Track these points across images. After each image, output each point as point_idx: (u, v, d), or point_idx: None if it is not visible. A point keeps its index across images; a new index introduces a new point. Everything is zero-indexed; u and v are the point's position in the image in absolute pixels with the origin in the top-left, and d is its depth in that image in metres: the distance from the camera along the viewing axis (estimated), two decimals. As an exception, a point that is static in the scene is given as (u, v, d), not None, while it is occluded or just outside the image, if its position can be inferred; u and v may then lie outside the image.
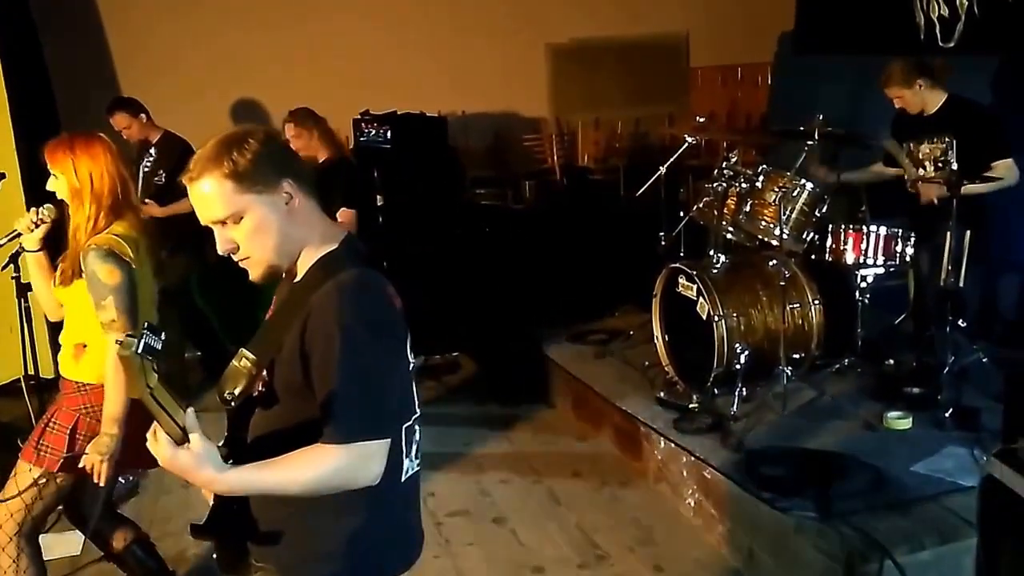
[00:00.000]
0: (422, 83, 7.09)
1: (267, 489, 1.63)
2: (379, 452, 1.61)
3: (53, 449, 2.65)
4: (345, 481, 1.60)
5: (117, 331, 2.56)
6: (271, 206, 1.65)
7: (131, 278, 2.60)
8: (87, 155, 2.65)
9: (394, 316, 1.70)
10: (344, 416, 1.58)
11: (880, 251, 3.99)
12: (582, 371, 4.85)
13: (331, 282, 1.63)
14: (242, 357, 1.67)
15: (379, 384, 1.63)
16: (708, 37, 8.23)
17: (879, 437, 3.62)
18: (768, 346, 3.99)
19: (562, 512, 3.92)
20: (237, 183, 1.62)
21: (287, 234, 1.67)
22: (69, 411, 2.69)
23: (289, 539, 1.72)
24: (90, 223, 2.63)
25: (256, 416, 1.73)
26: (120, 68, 6.76)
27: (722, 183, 4.15)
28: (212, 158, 1.63)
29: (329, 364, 1.59)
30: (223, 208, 1.63)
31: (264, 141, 1.66)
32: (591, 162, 7.92)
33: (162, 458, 1.56)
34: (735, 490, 3.38)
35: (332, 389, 1.58)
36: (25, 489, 2.68)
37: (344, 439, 1.58)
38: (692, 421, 3.88)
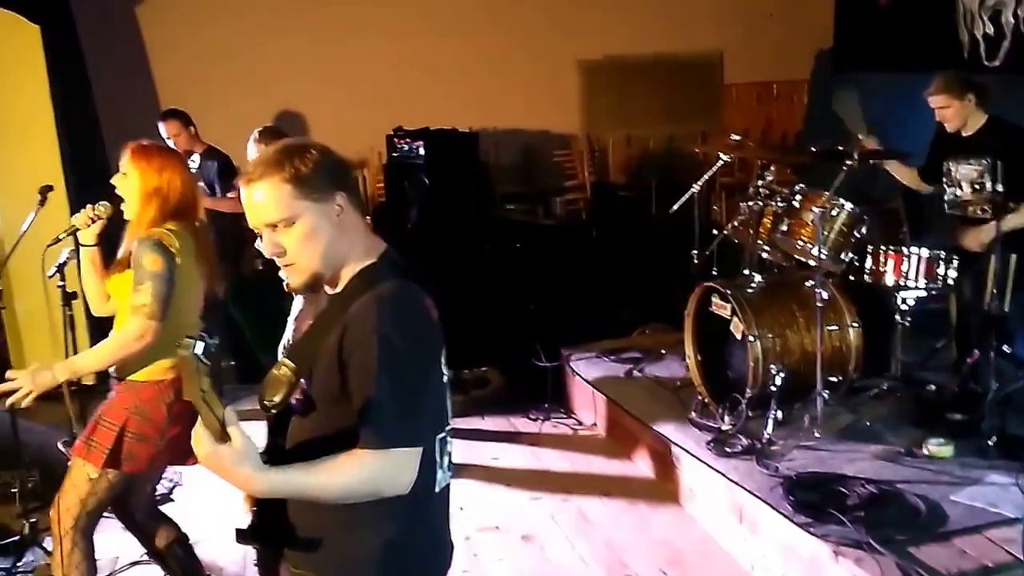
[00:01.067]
0: (454, 99, 7.12)
1: (302, 491, 1.63)
2: (412, 460, 1.63)
3: (101, 446, 2.70)
4: (378, 487, 1.62)
5: (144, 316, 2.65)
6: (323, 215, 1.69)
7: (172, 271, 2.68)
8: (168, 162, 2.81)
9: (431, 328, 1.72)
10: (379, 423, 1.61)
11: (921, 273, 3.91)
12: (612, 390, 4.80)
13: (370, 293, 1.67)
14: (282, 366, 1.69)
15: (414, 393, 1.65)
16: (743, 54, 8.18)
17: (919, 464, 3.53)
18: (804, 368, 3.92)
19: (592, 531, 3.87)
20: (296, 188, 1.66)
21: (334, 244, 1.71)
22: (120, 409, 2.74)
23: (326, 547, 1.73)
24: (152, 222, 2.72)
25: (294, 424, 1.76)
26: (159, 83, 6.87)
27: (758, 201, 4.10)
28: (274, 162, 1.67)
29: (366, 373, 1.61)
30: (278, 211, 1.66)
31: (323, 153, 1.71)
32: (622, 179, 7.89)
33: (202, 454, 1.57)
34: (770, 514, 3.31)
35: (369, 397, 1.61)
36: (79, 485, 2.73)
37: (379, 445, 1.60)
38: (725, 443, 3.81)
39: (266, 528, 1.75)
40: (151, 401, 2.73)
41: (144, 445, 2.74)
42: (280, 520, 1.75)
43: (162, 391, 2.75)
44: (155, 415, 2.74)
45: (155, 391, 2.75)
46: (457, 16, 7.47)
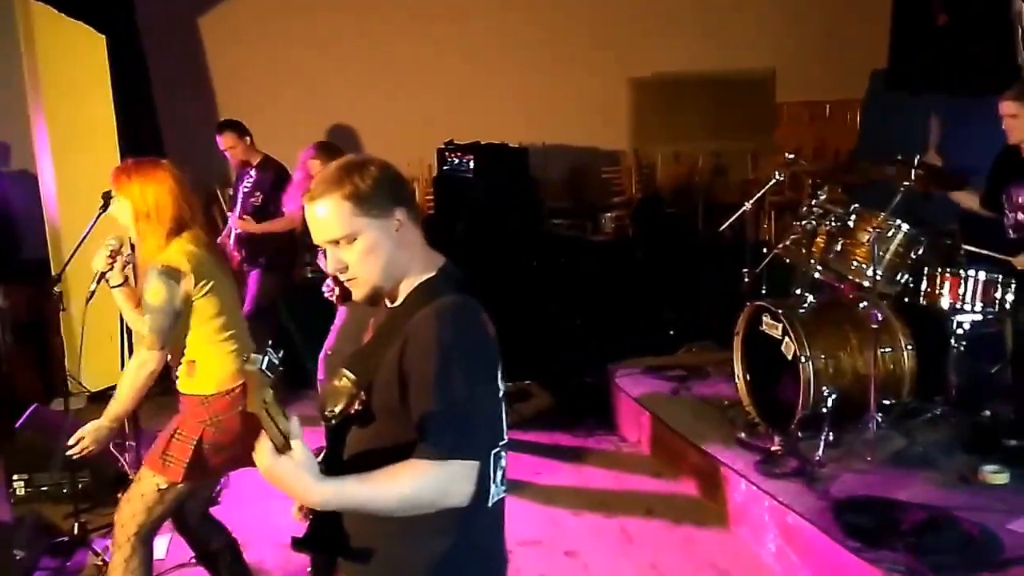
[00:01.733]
0: (504, 114, 7.17)
1: (360, 502, 1.64)
2: (470, 473, 1.63)
3: (178, 460, 2.74)
4: (436, 499, 1.62)
5: (144, 346, 2.71)
6: (383, 231, 1.71)
7: (174, 301, 2.68)
8: (152, 179, 2.77)
9: (489, 343, 1.74)
10: (438, 434, 1.61)
11: (978, 297, 3.83)
12: (658, 407, 4.76)
13: (430, 307, 1.69)
14: (343, 376, 1.71)
15: (473, 406, 1.65)
16: (796, 72, 8.11)
17: (973, 491, 3.45)
18: (857, 390, 3.86)
19: (636, 550, 3.84)
20: (356, 206, 1.69)
21: (394, 259, 1.73)
22: (195, 423, 2.78)
23: (380, 558, 1.74)
24: (156, 243, 2.72)
25: (352, 434, 1.76)
26: (219, 93, 7.03)
27: (811, 221, 4.05)
28: (335, 180, 1.69)
29: (426, 385, 1.63)
30: (339, 228, 1.69)
31: (383, 169, 1.73)
32: (669, 196, 7.85)
33: (262, 465, 1.59)
34: (820, 537, 3.26)
35: (428, 408, 1.62)
36: (148, 494, 2.78)
37: (438, 456, 1.61)
38: (775, 464, 3.76)
39: (322, 536, 1.76)
40: (226, 411, 2.77)
41: (220, 455, 2.79)
42: (335, 529, 1.76)
43: (235, 400, 2.79)
44: (231, 424, 2.78)
45: (228, 401, 2.79)
46: (509, 33, 7.53)
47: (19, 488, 4.31)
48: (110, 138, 5.66)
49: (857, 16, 7.64)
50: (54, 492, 4.28)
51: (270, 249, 5.38)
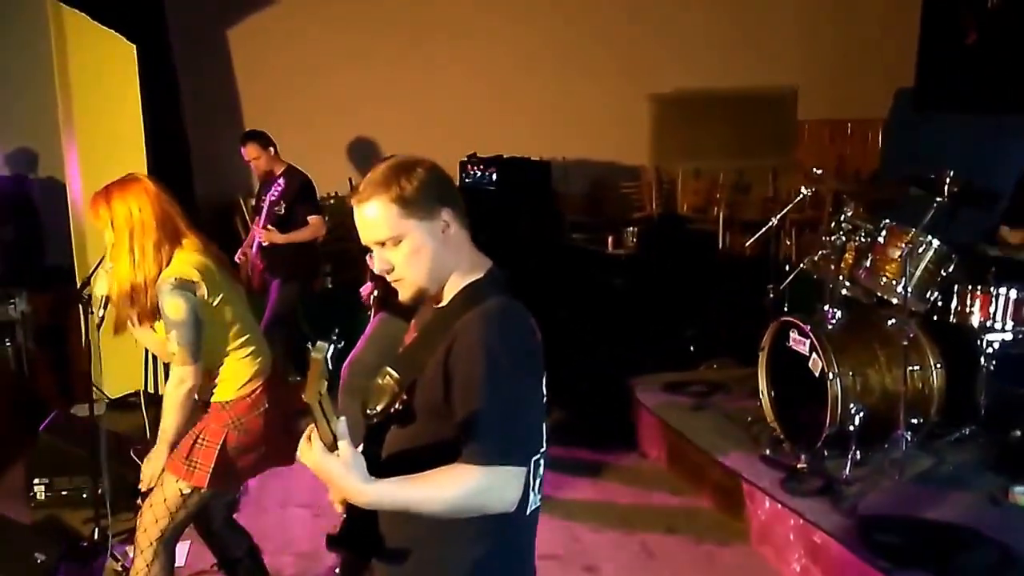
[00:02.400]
0: (525, 129, 7.20)
1: (407, 504, 1.63)
2: (517, 478, 1.62)
3: (203, 465, 2.73)
4: (483, 504, 1.61)
5: (178, 363, 2.68)
6: (429, 233, 1.70)
7: (195, 310, 2.66)
8: (122, 201, 2.72)
9: (535, 347, 1.72)
10: (487, 439, 1.60)
11: (1009, 315, 3.78)
12: (679, 422, 4.71)
13: (478, 308, 1.68)
14: (385, 375, 1.71)
15: (520, 411, 1.65)
16: (818, 91, 8.12)
17: (1004, 512, 3.40)
18: (885, 408, 3.81)
19: (657, 567, 3.79)
20: (402, 208, 1.68)
21: (440, 260, 1.73)
22: (217, 428, 2.77)
23: (415, 561, 1.73)
24: (143, 263, 2.68)
25: (392, 434, 1.76)
26: (245, 103, 7.08)
27: (840, 236, 4.02)
28: (381, 183, 1.69)
29: (473, 387, 1.62)
30: (386, 230, 1.70)
31: (429, 170, 1.72)
32: (690, 212, 7.85)
33: (312, 462, 1.60)
34: (847, 557, 3.21)
35: (475, 411, 1.61)
36: (171, 499, 2.77)
37: (486, 461, 1.59)
38: (801, 482, 3.71)
39: (356, 536, 1.75)
40: (247, 413, 2.77)
41: (245, 457, 2.79)
42: (370, 529, 1.74)
43: (255, 402, 2.79)
44: (253, 425, 2.77)
45: (248, 403, 2.78)
46: (531, 49, 7.57)
47: (39, 492, 4.31)
48: (138, 147, 5.68)
49: (880, 34, 7.64)
50: (74, 497, 4.27)
51: (292, 259, 5.39)
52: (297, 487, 4.54)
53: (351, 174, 7.03)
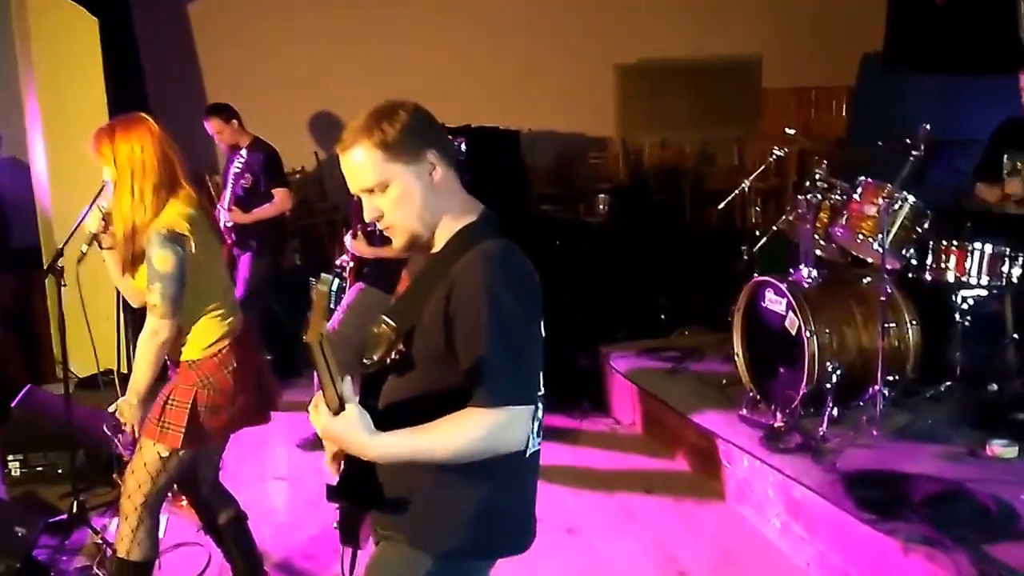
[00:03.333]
0: (490, 102, 7.11)
1: (416, 455, 1.61)
2: (525, 418, 1.62)
3: (175, 425, 2.67)
4: (495, 447, 1.61)
5: (156, 315, 2.62)
6: (416, 176, 1.68)
7: (182, 265, 2.60)
8: (126, 139, 2.67)
9: (535, 288, 1.71)
10: (493, 380, 1.59)
11: (984, 271, 3.80)
12: (654, 386, 4.70)
13: (475, 251, 1.66)
14: (381, 324, 1.68)
15: (525, 351, 1.64)
16: (782, 59, 8.13)
17: (983, 465, 3.42)
18: (861, 366, 3.82)
19: (637, 527, 3.77)
20: (386, 152, 1.66)
21: (429, 204, 1.70)
22: (185, 387, 2.70)
23: (417, 509, 1.72)
24: (141, 205, 2.62)
25: (389, 383, 1.73)
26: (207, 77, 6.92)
27: (815, 195, 4.01)
28: (364, 129, 1.67)
29: (477, 329, 1.60)
30: (372, 176, 1.67)
31: (412, 113, 1.70)
32: (656, 182, 7.83)
33: (320, 426, 1.60)
34: (830, 511, 3.21)
35: (481, 354, 1.59)
36: (150, 463, 2.71)
37: (494, 403, 1.59)
38: (779, 440, 3.70)
39: (356, 487, 1.73)
40: (215, 371, 2.70)
41: (217, 416, 2.71)
42: (369, 479, 1.72)
43: (223, 360, 2.71)
44: (222, 384, 2.70)
45: (216, 362, 2.71)
46: (494, 20, 7.47)
47: (14, 469, 4.24)
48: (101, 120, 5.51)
49: (845, 1, 7.65)
50: (49, 472, 4.20)
51: (260, 234, 5.28)
52: (273, 461, 4.46)
53: (316, 149, 6.89)
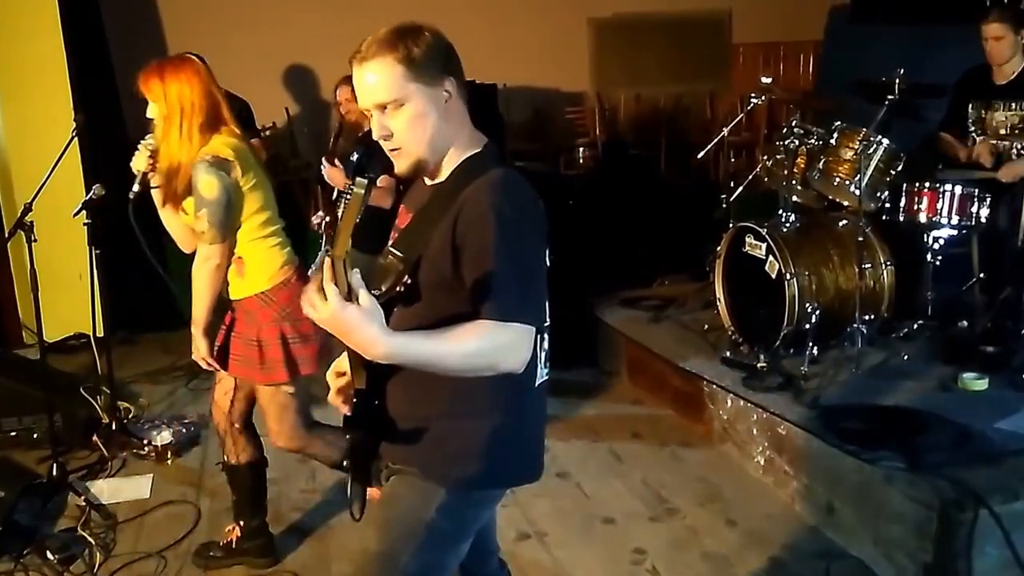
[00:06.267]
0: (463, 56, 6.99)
1: (422, 357, 1.57)
2: (528, 338, 1.60)
3: (275, 360, 2.76)
4: (496, 361, 1.59)
5: (206, 241, 2.67)
6: (432, 100, 1.66)
7: (229, 190, 2.64)
8: (176, 78, 2.70)
9: (541, 214, 1.71)
10: (502, 296, 1.58)
11: (954, 211, 3.92)
12: (638, 334, 4.79)
13: (482, 178, 1.66)
14: (388, 255, 1.67)
15: (532, 273, 1.64)
16: (751, 14, 8.18)
17: (956, 397, 3.55)
18: (839, 306, 3.94)
19: (625, 469, 3.87)
20: (408, 70, 1.63)
21: (441, 130, 1.69)
22: (269, 324, 2.77)
23: (429, 441, 1.73)
24: (188, 143, 2.66)
25: (396, 315, 1.72)
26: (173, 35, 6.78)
27: (792, 140, 4.09)
28: (388, 42, 1.64)
29: (486, 251, 1.59)
30: (388, 92, 1.64)
31: (436, 36, 1.68)
32: (632, 137, 7.87)
33: (330, 310, 1.46)
34: (813, 444, 3.33)
35: (489, 271, 1.58)
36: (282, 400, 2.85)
37: (501, 317, 1.57)
38: (762, 379, 3.81)
39: (368, 420, 1.74)
40: (291, 302, 2.74)
41: (308, 345, 2.79)
42: (381, 413, 1.74)
43: (293, 290, 2.76)
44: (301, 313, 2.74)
45: (288, 292, 2.76)
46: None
47: (-12, 433, 4.17)
48: (61, 75, 5.41)
49: (813, -45, 7.69)
50: (24, 437, 4.14)
51: None
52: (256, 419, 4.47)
53: (287, 104, 6.82)
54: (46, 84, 5.44)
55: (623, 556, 3.17)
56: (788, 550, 3.16)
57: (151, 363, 5.28)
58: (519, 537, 3.31)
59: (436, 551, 1.78)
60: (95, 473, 3.87)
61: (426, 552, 1.76)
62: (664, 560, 3.13)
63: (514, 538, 3.30)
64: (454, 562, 1.85)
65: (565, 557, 3.18)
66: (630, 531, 3.34)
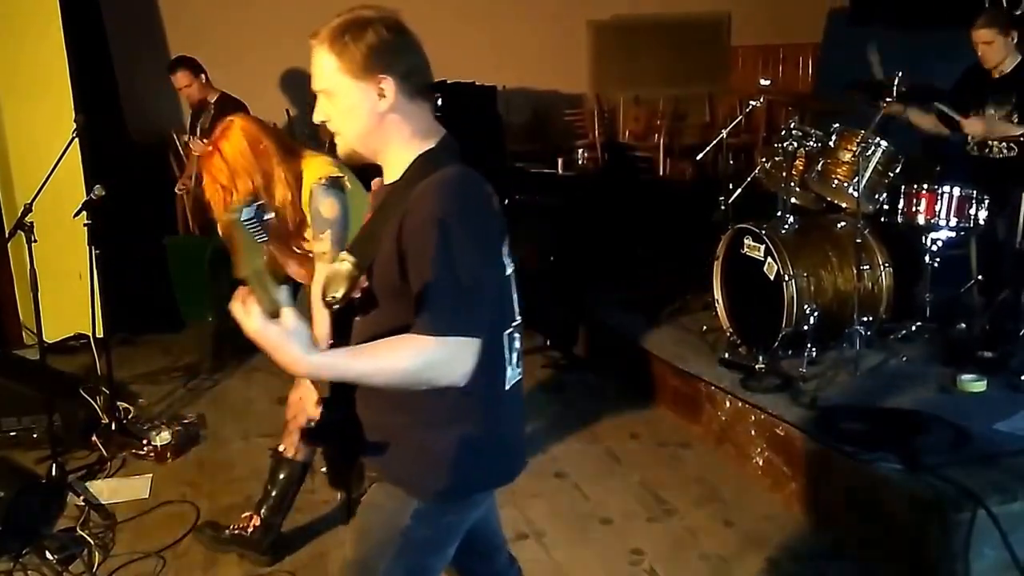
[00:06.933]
0: (463, 59, 7.03)
1: (352, 376, 1.56)
2: (468, 351, 1.54)
3: None
4: (432, 378, 1.54)
5: (327, 263, 2.64)
6: (364, 96, 1.63)
7: (346, 208, 2.66)
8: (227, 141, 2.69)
9: (492, 215, 1.65)
10: (435, 310, 1.53)
11: (952, 212, 3.94)
12: (636, 336, 4.79)
13: (429, 179, 1.60)
14: (343, 260, 1.62)
15: (473, 282, 1.56)
16: (749, 17, 8.20)
17: (954, 399, 3.57)
18: (837, 308, 3.95)
19: (623, 470, 3.87)
20: (340, 63, 1.62)
21: (372, 128, 1.66)
22: None
23: (397, 449, 1.70)
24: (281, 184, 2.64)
25: (357, 323, 1.69)
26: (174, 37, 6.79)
27: (791, 143, 4.10)
28: (332, 32, 1.63)
29: (424, 259, 1.54)
30: (322, 81, 1.65)
31: (385, 31, 1.63)
32: (631, 139, 7.89)
33: (251, 329, 1.47)
34: (811, 446, 3.34)
35: (426, 282, 1.54)
36: None
37: (434, 332, 1.52)
38: (760, 380, 3.82)
39: (335, 429, 1.70)
40: None
41: None
42: (350, 421, 1.69)
43: None
44: None
45: None
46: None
47: (-14, 434, 4.17)
48: (63, 83, 5.42)
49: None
50: (23, 437, 4.14)
51: None
52: (256, 421, 4.49)
53: (287, 106, 6.83)
54: (47, 84, 5.44)
55: (621, 557, 3.17)
56: (786, 551, 3.17)
57: (150, 364, 5.28)
58: (517, 537, 3.31)
59: (415, 557, 1.75)
60: (94, 473, 3.87)
61: (405, 559, 1.74)
62: (662, 561, 3.13)
63: (512, 538, 3.29)
64: (439, 565, 1.83)
65: (563, 557, 3.19)
66: (628, 532, 3.34)
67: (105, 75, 5.94)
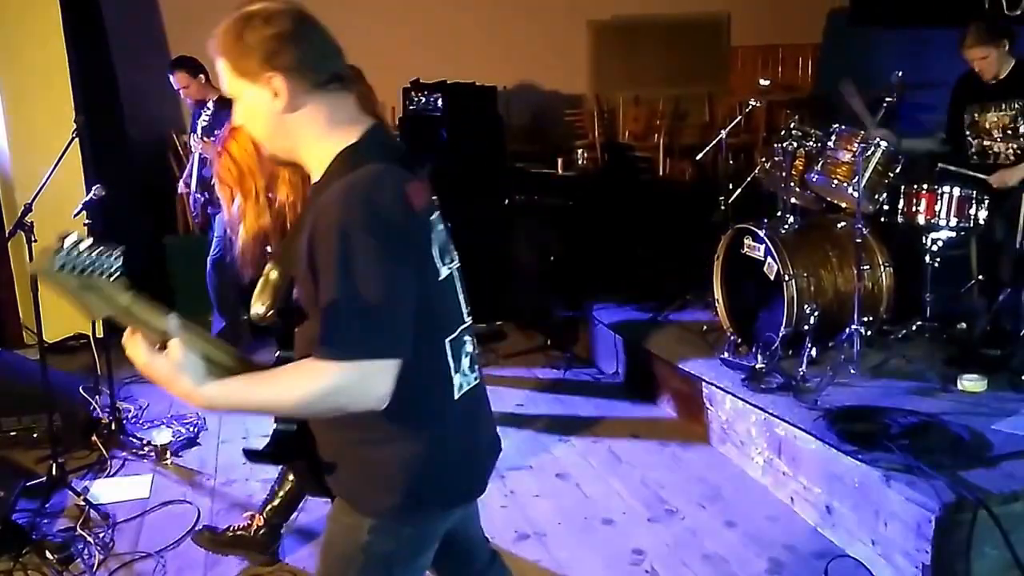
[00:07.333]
0: (463, 60, 7.06)
1: (253, 407, 1.50)
2: (380, 374, 1.41)
3: None
4: (342, 404, 1.43)
5: None
6: (259, 97, 1.53)
7: None
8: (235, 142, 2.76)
9: (407, 218, 1.46)
10: (337, 331, 1.40)
11: (952, 212, 3.94)
12: (637, 336, 4.79)
13: (340, 182, 1.45)
14: (271, 271, 1.60)
15: (382, 298, 1.40)
16: (749, 17, 8.20)
17: (955, 399, 3.56)
18: (837, 308, 3.95)
19: (625, 470, 3.88)
20: (228, 65, 1.54)
21: (275, 130, 1.56)
22: None
23: (346, 468, 1.62)
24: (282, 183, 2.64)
25: (296, 336, 1.59)
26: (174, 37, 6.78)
27: (791, 143, 4.10)
28: (220, 35, 1.54)
29: (327, 273, 1.41)
30: (224, 85, 1.57)
31: (272, 30, 1.50)
32: (631, 139, 7.89)
33: (138, 362, 1.40)
34: (812, 446, 3.33)
35: (328, 300, 1.40)
36: None
37: (337, 356, 1.39)
38: (761, 380, 3.82)
39: (282, 448, 1.63)
40: None
41: None
42: (299, 440, 1.61)
43: None
44: None
45: None
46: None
47: (-13, 433, 4.16)
48: (63, 83, 5.42)
49: (811, -42, 7.72)
50: (23, 437, 4.14)
51: None
52: (256, 421, 4.47)
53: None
54: (48, 85, 5.45)
55: (622, 556, 3.17)
56: (787, 551, 3.17)
57: (150, 364, 5.27)
58: (518, 537, 3.31)
59: (381, 571, 1.66)
60: (94, 473, 3.87)
61: (369, 573, 1.65)
62: (663, 561, 3.13)
63: (513, 538, 3.30)
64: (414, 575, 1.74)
65: (564, 557, 3.18)
66: (629, 532, 3.34)
67: (105, 75, 5.93)
